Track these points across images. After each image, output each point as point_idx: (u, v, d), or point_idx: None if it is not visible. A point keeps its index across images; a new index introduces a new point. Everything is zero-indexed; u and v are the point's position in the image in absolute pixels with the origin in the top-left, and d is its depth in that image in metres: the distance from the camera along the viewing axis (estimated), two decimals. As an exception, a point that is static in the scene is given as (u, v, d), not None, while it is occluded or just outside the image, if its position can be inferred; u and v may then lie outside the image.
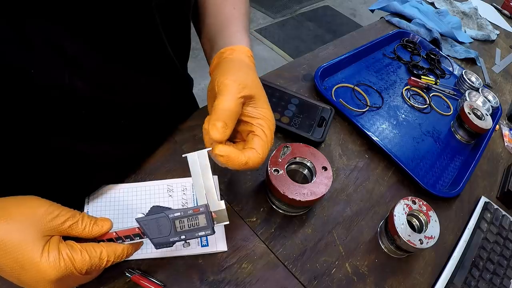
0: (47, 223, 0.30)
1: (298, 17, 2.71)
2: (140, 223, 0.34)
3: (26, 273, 0.29)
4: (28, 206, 0.31)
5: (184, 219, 0.34)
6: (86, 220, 0.33)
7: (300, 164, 0.49)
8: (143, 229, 0.34)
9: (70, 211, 0.32)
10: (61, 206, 0.32)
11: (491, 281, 0.49)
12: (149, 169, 0.50)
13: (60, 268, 0.29)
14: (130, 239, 0.34)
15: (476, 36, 1.08)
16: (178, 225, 0.34)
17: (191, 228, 0.35)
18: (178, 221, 0.34)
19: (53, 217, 0.31)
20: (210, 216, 0.35)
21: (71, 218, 0.32)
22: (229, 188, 0.50)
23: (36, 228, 0.30)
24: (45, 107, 0.34)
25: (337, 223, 0.51)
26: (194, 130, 0.56)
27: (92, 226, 0.33)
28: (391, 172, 0.60)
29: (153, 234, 0.34)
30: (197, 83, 0.63)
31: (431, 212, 0.48)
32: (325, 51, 0.80)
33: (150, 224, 0.34)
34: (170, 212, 0.34)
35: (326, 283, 0.45)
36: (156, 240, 0.34)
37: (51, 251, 0.29)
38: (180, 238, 0.35)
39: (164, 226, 0.34)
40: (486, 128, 0.67)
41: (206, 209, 0.35)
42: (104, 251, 0.32)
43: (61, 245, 0.30)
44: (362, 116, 0.68)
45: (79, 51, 0.33)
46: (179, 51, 0.49)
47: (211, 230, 0.35)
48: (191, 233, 0.35)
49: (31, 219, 0.30)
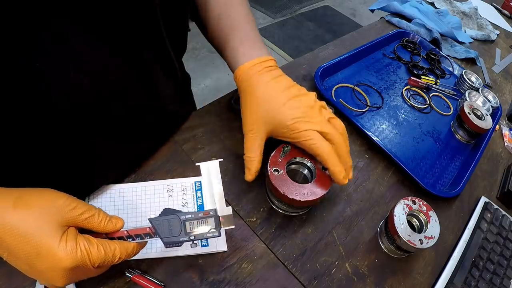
0: (66, 214, 0.31)
1: (298, 17, 2.71)
2: (153, 223, 0.36)
3: (42, 260, 0.30)
4: (47, 196, 0.32)
5: (194, 221, 0.37)
6: (102, 215, 0.34)
7: (300, 164, 0.49)
8: (155, 229, 0.36)
9: (87, 205, 0.33)
10: (78, 199, 0.33)
11: (491, 281, 0.49)
12: (149, 169, 0.50)
13: (77, 258, 0.30)
14: (141, 238, 0.36)
15: (476, 36, 1.08)
16: (188, 226, 0.37)
17: None
18: (189, 223, 0.37)
19: (71, 208, 0.32)
20: (218, 220, 0.38)
21: (88, 211, 0.33)
22: (229, 188, 0.50)
23: (55, 217, 0.31)
24: (48, 102, 0.34)
25: (337, 223, 0.51)
26: (194, 130, 0.56)
27: (107, 222, 0.34)
28: (391, 172, 0.60)
29: (164, 233, 0.37)
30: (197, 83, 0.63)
31: (431, 212, 0.48)
32: (325, 51, 0.80)
33: (162, 224, 0.37)
34: (182, 214, 0.37)
35: (326, 283, 0.45)
36: (166, 239, 0.37)
37: (69, 241, 0.30)
38: (189, 238, 0.37)
39: (175, 227, 0.37)
40: (486, 128, 0.67)
41: (215, 213, 0.38)
42: (117, 248, 0.33)
43: (79, 236, 0.32)
44: (362, 116, 0.68)
45: (84, 46, 0.34)
46: (177, 48, 0.50)
47: (218, 232, 0.38)
48: (200, 234, 0.38)
49: (50, 209, 0.31)
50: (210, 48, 0.54)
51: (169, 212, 0.38)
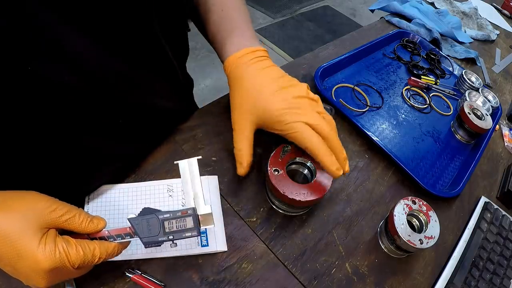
0: (46, 216, 0.31)
1: (298, 17, 2.71)
2: (132, 222, 0.36)
3: (23, 262, 0.30)
4: (28, 199, 0.32)
5: (173, 221, 0.37)
6: (83, 216, 0.34)
7: (300, 164, 0.49)
8: (134, 229, 0.36)
9: (68, 206, 0.33)
10: (59, 201, 0.33)
11: (491, 281, 0.49)
12: (149, 169, 0.50)
13: (55, 260, 0.30)
14: (121, 238, 0.36)
15: (476, 36, 1.08)
16: (167, 225, 0.37)
17: (179, 229, 0.37)
18: (167, 222, 0.37)
19: (51, 210, 0.32)
20: (197, 219, 0.37)
21: (69, 213, 0.33)
22: (229, 188, 0.50)
23: (35, 220, 0.31)
24: (43, 104, 0.34)
25: (337, 223, 0.51)
26: (194, 130, 0.56)
27: (88, 222, 0.34)
28: (391, 172, 0.60)
29: (143, 233, 0.36)
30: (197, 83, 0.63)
31: (431, 212, 0.48)
32: (325, 51, 0.80)
33: (141, 224, 0.36)
34: (160, 213, 0.37)
35: (326, 283, 0.45)
36: (145, 239, 0.36)
37: (48, 243, 0.31)
38: (168, 238, 0.37)
39: (154, 226, 0.36)
40: (486, 128, 0.67)
41: (194, 212, 0.37)
42: (97, 248, 0.33)
43: (57, 238, 0.32)
44: (362, 116, 0.68)
45: (80, 48, 0.34)
46: (178, 52, 0.50)
47: (197, 231, 0.38)
48: (178, 234, 0.37)
49: (31, 211, 0.31)
50: (210, 48, 0.54)
51: (148, 211, 0.37)
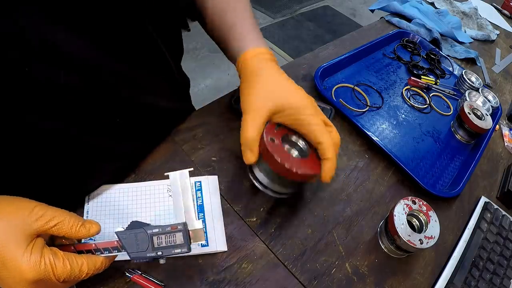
0: (33, 223, 0.30)
1: (298, 17, 2.71)
2: (120, 236, 0.34)
3: (7, 271, 0.29)
4: (15, 205, 0.31)
5: (162, 236, 0.35)
6: (73, 220, 0.33)
7: (292, 143, 0.46)
8: (122, 243, 0.34)
9: (57, 211, 0.32)
10: (48, 206, 0.32)
11: (491, 281, 0.49)
12: (149, 169, 0.50)
13: (40, 271, 0.29)
14: (109, 252, 0.35)
15: (476, 36, 1.08)
16: (156, 241, 0.35)
17: (168, 244, 0.35)
18: (156, 237, 0.35)
19: (38, 217, 0.31)
20: (187, 234, 0.36)
21: (57, 218, 0.32)
22: (229, 188, 0.50)
23: (22, 228, 0.30)
24: (41, 104, 0.34)
25: (337, 223, 0.51)
26: (194, 130, 0.56)
27: (79, 227, 0.33)
28: (391, 172, 0.60)
29: (131, 248, 0.35)
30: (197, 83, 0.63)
31: (431, 212, 0.48)
32: (325, 51, 0.80)
33: (129, 238, 0.35)
34: (149, 228, 0.35)
35: (326, 283, 0.45)
36: (133, 255, 0.35)
37: (34, 253, 0.30)
38: (156, 254, 0.35)
39: (142, 241, 0.35)
40: (486, 128, 0.67)
41: (184, 227, 0.36)
42: (85, 263, 0.32)
43: (45, 249, 0.31)
44: (362, 116, 0.68)
45: (75, 49, 0.34)
46: (173, 51, 0.50)
47: (188, 248, 0.36)
48: (168, 250, 0.35)
49: (17, 219, 0.30)
50: (210, 48, 0.54)
51: (137, 225, 0.35)
